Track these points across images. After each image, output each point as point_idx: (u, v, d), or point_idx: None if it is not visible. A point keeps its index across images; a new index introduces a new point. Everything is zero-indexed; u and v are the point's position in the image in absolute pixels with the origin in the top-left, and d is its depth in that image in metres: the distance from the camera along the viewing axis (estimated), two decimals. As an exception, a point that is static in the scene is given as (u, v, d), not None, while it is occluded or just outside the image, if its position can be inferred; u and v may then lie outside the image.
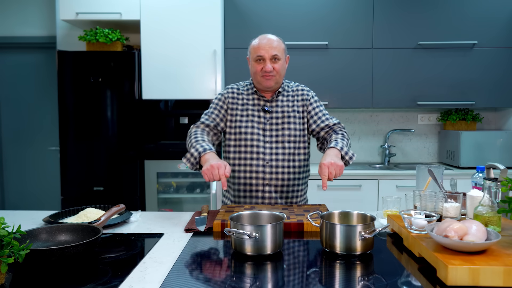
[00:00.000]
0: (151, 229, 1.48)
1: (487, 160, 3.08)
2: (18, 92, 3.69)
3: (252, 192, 1.79)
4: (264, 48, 1.73)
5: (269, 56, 1.73)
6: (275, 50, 1.73)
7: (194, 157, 1.66)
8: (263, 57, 1.73)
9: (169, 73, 3.01)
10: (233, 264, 1.13)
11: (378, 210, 2.99)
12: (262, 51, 1.73)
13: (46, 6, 3.56)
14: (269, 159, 1.77)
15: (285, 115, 1.80)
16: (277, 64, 1.75)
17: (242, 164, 1.79)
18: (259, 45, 1.75)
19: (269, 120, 1.79)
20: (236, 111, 1.81)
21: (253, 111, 1.80)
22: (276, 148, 1.78)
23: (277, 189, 1.79)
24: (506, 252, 1.02)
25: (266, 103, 1.82)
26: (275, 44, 1.75)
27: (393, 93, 3.23)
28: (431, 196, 1.36)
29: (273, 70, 1.74)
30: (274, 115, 1.80)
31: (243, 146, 1.78)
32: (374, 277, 1.03)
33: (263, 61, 1.74)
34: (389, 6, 3.18)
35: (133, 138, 3.00)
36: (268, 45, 1.73)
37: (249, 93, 1.84)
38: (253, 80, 1.83)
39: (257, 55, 1.74)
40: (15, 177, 3.75)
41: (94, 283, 0.98)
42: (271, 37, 1.77)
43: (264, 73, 1.74)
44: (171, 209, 3.08)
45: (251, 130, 1.78)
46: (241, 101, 1.83)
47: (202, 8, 2.98)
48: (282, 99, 1.83)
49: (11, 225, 1.05)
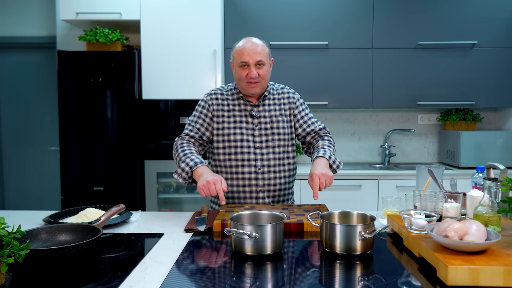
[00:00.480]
0: (151, 229, 1.48)
1: (487, 160, 3.08)
2: (18, 92, 3.69)
3: (246, 199, 1.77)
4: (249, 54, 1.68)
5: (254, 62, 1.68)
6: (260, 55, 1.69)
7: (186, 172, 1.64)
8: (248, 63, 1.69)
9: (169, 73, 3.01)
10: (233, 264, 1.13)
11: (378, 210, 2.99)
12: (246, 57, 1.68)
13: (46, 6, 3.56)
14: (261, 165, 1.75)
15: (273, 119, 1.77)
16: (261, 70, 1.70)
17: (234, 172, 1.75)
18: (242, 50, 1.69)
19: (257, 126, 1.76)
20: (222, 118, 1.77)
21: (241, 117, 1.77)
22: (267, 153, 1.76)
23: (269, 194, 1.78)
24: (506, 252, 1.02)
25: (253, 108, 1.78)
26: (260, 49, 1.70)
27: (393, 93, 3.23)
28: (431, 196, 1.36)
29: (258, 76, 1.70)
30: (262, 120, 1.77)
31: (233, 153, 1.75)
32: (374, 277, 1.03)
33: (248, 67, 1.69)
34: (389, 6, 3.18)
35: (133, 138, 3.00)
36: (252, 50, 1.68)
37: (235, 98, 1.80)
38: (237, 85, 1.79)
39: (241, 61, 1.69)
40: (15, 177, 3.75)
41: (94, 283, 0.98)
42: (255, 41, 1.72)
43: (249, 79, 1.70)
44: (171, 209, 3.08)
45: (240, 137, 1.74)
46: (227, 106, 1.78)
47: (202, 8, 2.98)
48: (268, 103, 1.80)
49: (11, 225, 1.05)
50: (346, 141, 3.60)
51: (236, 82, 1.79)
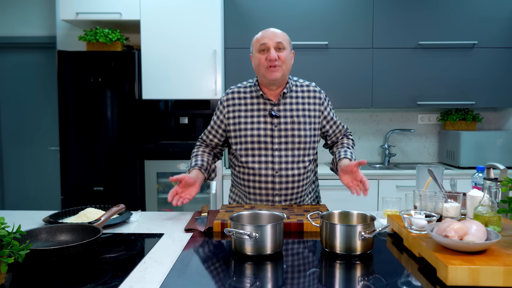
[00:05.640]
0: (151, 229, 1.48)
1: (487, 160, 3.08)
2: (18, 92, 3.69)
3: (262, 202, 1.72)
4: (268, 36, 1.62)
5: (273, 43, 1.61)
6: (279, 38, 1.62)
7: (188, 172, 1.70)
8: (267, 46, 1.61)
9: (169, 73, 3.01)
10: (233, 264, 1.12)
11: (378, 210, 2.99)
12: (265, 39, 1.62)
13: (46, 6, 3.56)
14: (278, 168, 1.67)
15: (295, 120, 1.68)
16: (282, 53, 1.62)
17: (251, 173, 1.70)
18: (262, 35, 1.64)
19: (277, 126, 1.67)
20: (239, 118, 1.70)
21: (259, 117, 1.68)
22: (285, 156, 1.67)
23: (286, 198, 1.71)
24: (506, 252, 1.02)
25: (273, 107, 1.69)
26: (280, 34, 1.64)
27: (393, 93, 3.23)
28: (431, 196, 1.36)
29: (279, 59, 1.61)
30: (282, 120, 1.67)
31: (250, 155, 1.69)
32: (374, 277, 1.03)
33: (267, 51, 1.62)
34: (389, 6, 3.18)
35: (133, 138, 3.00)
36: (272, 33, 1.63)
37: (253, 96, 1.71)
38: (257, 74, 1.71)
39: (261, 43, 1.62)
40: (15, 177, 3.75)
41: (94, 283, 0.98)
42: (274, 29, 1.67)
43: (269, 63, 1.61)
44: (171, 209, 3.08)
45: (257, 138, 1.67)
46: (244, 106, 1.71)
47: (202, 8, 2.98)
48: (290, 102, 1.70)
49: (11, 225, 1.05)
50: (346, 141, 3.59)
51: (255, 70, 1.70)
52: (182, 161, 3.04)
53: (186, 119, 3.06)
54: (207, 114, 3.05)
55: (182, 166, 3.02)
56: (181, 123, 3.07)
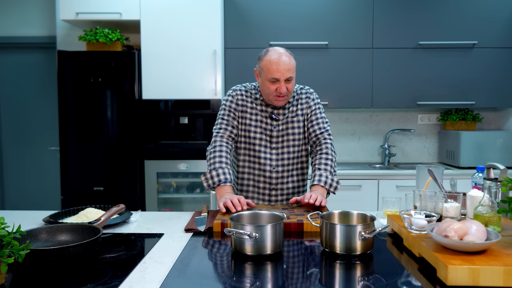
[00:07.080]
0: (151, 229, 1.48)
1: (487, 160, 3.08)
2: (18, 92, 3.69)
3: (259, 195, 1.85)
4: (280, 71, 1.67)
5: (284, 78, 1.68)
6: (290, 72, 1.69)
7: (213, 182, 1.71)
8: (279, 80, 1.68)
9: (169, 73, 3.01)
10: (233, 264, 1.13)
11: (378, 210, 2.99)
12: (277, 74, 1.67)
13: (46, 6, 3.56)
14: (275, 165, 1.82)
15: (289, 120, 1.82)
16: (290, 84, 1.71)
17: (251, 167, 1.84)
18: (274, 67, 1.67)
19: (275, 127, 1.82)
20: (245, 114, 1.82)
21: (262, 117, 1.82)
22: (281, 153, 1.83)
23: (283, 192, 1.86)
24: (506, 252, 1.02)
25: (273, 110, 1.82)
26: (291, 65, 1.70)
27: (393, 93, 3.23)
28: (431, 196, 1.36)
29: (287, 91, 1.71)
30: (280, 122, 1.82)
31: (251, 150, 1.83)
32: (374, 277, 1.03)
33: (278, 82, 1.69)
34: (389, 6, 3.18)
35: (133, 138, 3.00)
36: (284, 67, 1.67)
37: (257, 98, 1.83)
38: (263, 96, 1.79)
39: (272, 77, 1.68)
40: (15, 177, 3.75)
41: (94, 283, 0.98)
42: (286, 57, 1.69)
43: (278, 93, 1.71)
44: (171, 209, 3.08)
45: (259, 136, 1.82)
46: (250, 104, 1.82)
47: (202, 8, 2.98)
48: (288, 106, 1.83)
49: (11, 225, 1.05)
50: (346, 141, 3.60)
51: (262, 93, 1.79)
52: (182, 161, 3.04)
53: (186, 119, 3.06)
54: (207, 114, 3.04)
55: (182, 166, 3.02)
56: (181, 123, 3.07)
